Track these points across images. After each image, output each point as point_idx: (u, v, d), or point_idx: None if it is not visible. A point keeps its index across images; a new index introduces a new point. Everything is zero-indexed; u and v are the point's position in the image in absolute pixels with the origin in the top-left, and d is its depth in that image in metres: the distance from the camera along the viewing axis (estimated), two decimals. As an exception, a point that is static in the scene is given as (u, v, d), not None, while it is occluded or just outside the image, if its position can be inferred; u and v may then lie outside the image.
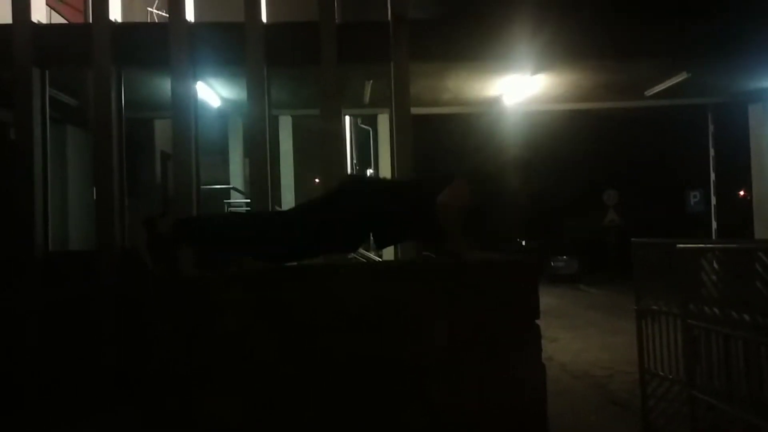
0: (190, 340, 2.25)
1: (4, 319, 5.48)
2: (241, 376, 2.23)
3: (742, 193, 19.45)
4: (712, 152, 10.32)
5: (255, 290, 2.31)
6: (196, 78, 6.82)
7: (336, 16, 6.56)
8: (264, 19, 6.68)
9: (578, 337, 8.99)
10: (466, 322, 2.27)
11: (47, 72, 6.72)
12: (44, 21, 6.98)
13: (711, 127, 10.20)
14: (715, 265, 3.74)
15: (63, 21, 8.65)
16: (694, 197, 15.93)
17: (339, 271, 2.42)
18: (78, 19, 8.87)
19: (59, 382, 5.66)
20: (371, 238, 2.67)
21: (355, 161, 13.40)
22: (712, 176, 10.44)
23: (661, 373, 4.20)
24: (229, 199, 11.23)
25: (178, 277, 2.53)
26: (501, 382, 2.26)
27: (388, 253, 8.46)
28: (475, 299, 2.28)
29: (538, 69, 7.35)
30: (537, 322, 2.28)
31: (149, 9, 9.59)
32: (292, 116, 10.17)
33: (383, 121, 9.41)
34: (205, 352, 2.24)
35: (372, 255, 10.45)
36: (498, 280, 2.31)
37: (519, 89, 8.19)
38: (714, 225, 10.44)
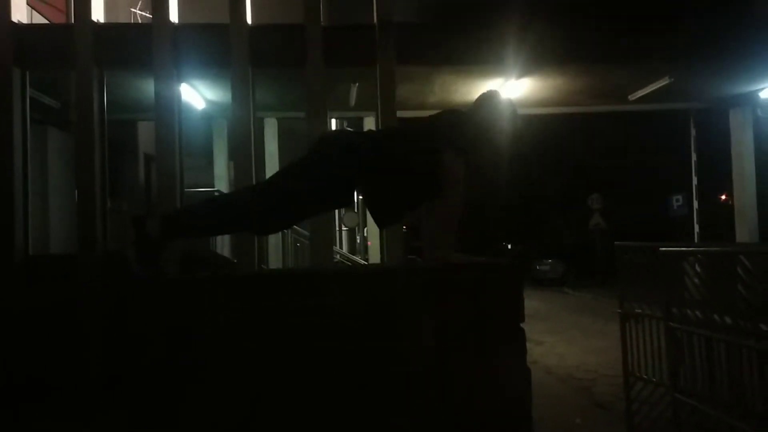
0: (176, 343, 2.21)
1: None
2: (228, 378, 2.20)
3: (723, 197, 19.72)
4: (694, 157, 10.45)
5: (241, 292, 2.28)
6: (179, 79, 6.75)
7: (322, 19, 6.54)
8: (249, 20, 6.64)
9: (563, 341, 9.04)
10: (451, 325, 2.26)
11: (28, 73, 6.62)
12: (25, 21, 6.86)
13: (693, 132, 10.34)
14: (698, 269, 3.77)
15: (44, 21, 8.52)
16: (676, 201, 16.12)
17: (326, 274, 2.39)
18: (60, 19, 8.75)
19: (47, 385, 5.57)
20: (369, 214, 2.56)
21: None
22: (695, 180, 10.57)
23: (645, 377, 4.23)
24: (214, 202, 11.11)
25: (164, 279, 2.49)
26: (486, 385, 2.25)
27: (374, 256, 8.44)
28: (460, 302, 2.27)
29: (523, 73, 7.40)
30: (522, 325, 2.27)
31: (132, 10, 9.50)
32: (277, 119, 10.11)
33: (369, 124, 9.40)
34: (191, 354, 2.21)
35: (358, 259, 10.43)
36: (483, 282, 2.30)
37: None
38: (696, 228, 10.57)
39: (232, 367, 2.20)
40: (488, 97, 2.75)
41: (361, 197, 2.59)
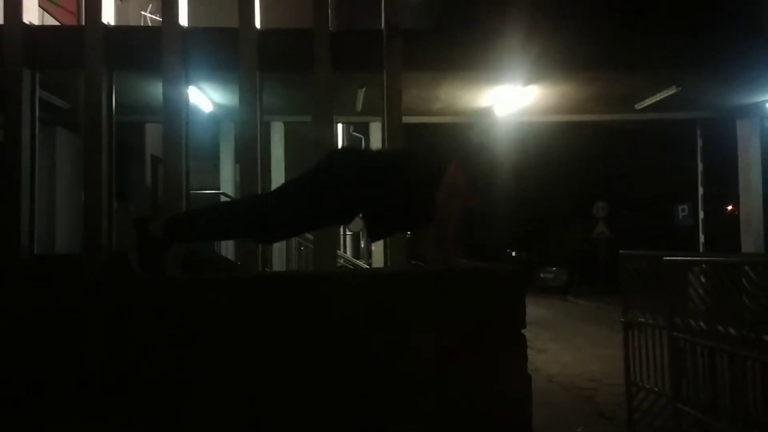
0: (177, 345, 2.22)
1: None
2: (229, 382, 2.21)
3: (730, 207, 19.62)
4: (700, 166, 10.41)
5: (243, 295, 2.29)
6: (188, 82, 6.79)
7: (330, 24, 6.57)
8: (258, 24, 6.68)
9: (566, 349, 9.01)
10: (453, 331, 2.27)
11: (38, 74, 6.67)
12: (36, 22, 6.93)
13: (699, 142, 10.30)
14: (702, 279, 3.76)
15: (55, 23, 8.60)
16: (682, 211, 16.06)
17: (328, 278, 2.40)
18: (71, 21, 8.83)
19: (48, 387, 5.58)
20: (364, 226, 2.60)
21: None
22: (701, 190, 10.53)
23: (647, 386, 4.22)
24: (219, 204, 11.17)
25: (166, 280, 2.50)
26: (486, 391, 2.25)
27: (378, 261, 8.44)
28: (462, 307, 2.28)
29: (530, 80, 7.41)
30: (523, 332, 2.28)
31: (143, 12, 9.57)
32: (284, 122, 10.16)
33: (375, 130, 9.43)
34: (192, 357, 2.22)
35: (361, 263, 10.44)
36: (485, 288, 2.30)
37: (510, 100, 8.23)
38: (702, 239, 10.52)
39: (233, 371, 2.21)
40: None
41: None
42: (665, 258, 3.96)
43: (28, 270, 6.27)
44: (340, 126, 11.03)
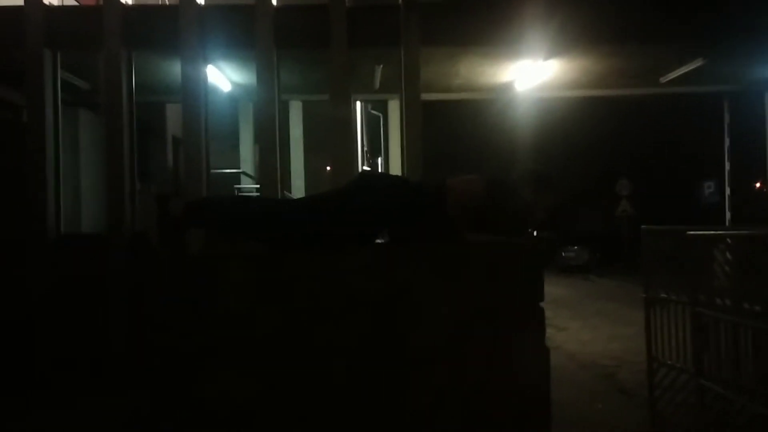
0: (196, 319, 2.25)
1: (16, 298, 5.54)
2: (245, 357, 2.23)
3: (758, 185, 19.15)
4: (727, 142, 10.14)
5: (261, 270, 2.30)
6: (206, 61, 6.80)
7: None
8: (274, 1, 6.64)
9: (587, 327, 8.96)
10: (469, 304, 2.26)
11: (59, 54, 6.74)
12: (56, 3, 6.98)
13: (726, 116, 10.02)
14: (726, 254, 3.69)
15: (75, 3, 8.65)
16: (708, 188, 15.76)
17: (345, 252, 2.40)
18: (90, 2, 8.87)
19: (73, 362, 5.73)
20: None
21: (365, 147, 13.37)
22: (727, 166, 10.28)
23: (669, 362, 4.17)
24: (239, 183, 11.26)
25: (185, 256, 2.53)
26: (503, 365, 2.24)
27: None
28: (479, 281, 2.26)
29: (551, 54, 7.25)
30: (541, 304, 2.26)
31: (161, -8, 9.57)
32: (302, 101, 10.14)
33: (394, 107, 9.37)
34: (210, 331, 2.25)
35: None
36: (501, 261, 2.28)
37: (531, 75, 8.09)
38: (728, 216, 10.30)
39: (249, 346, 2.24)
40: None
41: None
42: (688, 232, 3.88)
43: (55, 250, 6.40)
44: (358, 104, 10.96)
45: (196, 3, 6.63)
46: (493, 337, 2.26)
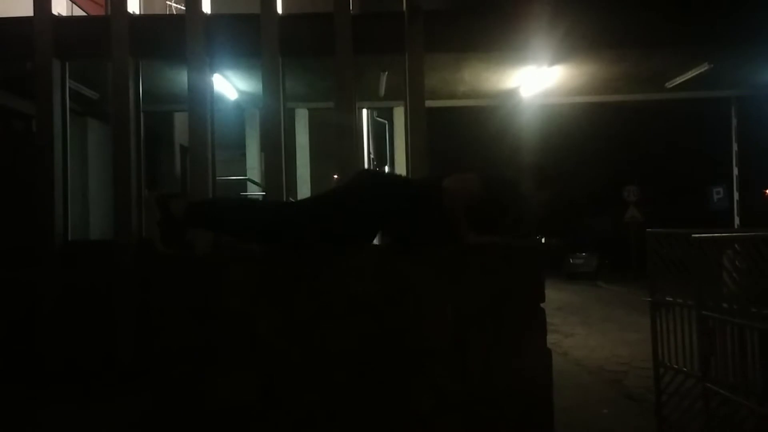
0: (196, 319, 2.26)
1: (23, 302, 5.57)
2: (248, 356, 2.24)
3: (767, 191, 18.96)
4: (735, 147, 10.08)
5: (262, 270, 2.32)
6: (212, 70, 6.87)
7: (351, 7, 6.55)
8: (279, 10, 6.70)
9: (595, 333, 8.90)
10: (471, 305, 2.26)
11: (67, 64, 6.82)
12: (65, 14, 7.08)
13: (734, 121, 9.97)
14: (732, 257, 3.66)
15: (83, 14, 8.77)
16: (717, 194, 15.63)
17: (346, 253, 2.41)
18: (98, 12, 8.99)
19: (79, 368, 5.76)
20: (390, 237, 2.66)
21: (372, 155, 13.40)
22: (735, 171, 10.21)
23: (675, 366, 4.13)
24: (246, 191, 11.31)
25: (188, 256, 2.54)
26: (504, 366, 2.24)
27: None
28: (479, 282, 2.27)
29: (556, 60, 7.25)
30: (542, 305, 2.26)
31: (167, 2, 9.69)
32: (308, 109, 10.18)
33: (399, 114, 9.38)
34: (212, 331, 2.26)
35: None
36: (502, 263, 2.29)
37: (536, 81, 8.10)
38: (737, 221, 10.22)
39: (252, 345, 2.25)
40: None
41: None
42: (693, 235, 3.86)
43: (63, 256, 6.46)
44: (364, 111, 11.00)
45: (203, 12, 6.70)
46: (494, 338, 2.25)
